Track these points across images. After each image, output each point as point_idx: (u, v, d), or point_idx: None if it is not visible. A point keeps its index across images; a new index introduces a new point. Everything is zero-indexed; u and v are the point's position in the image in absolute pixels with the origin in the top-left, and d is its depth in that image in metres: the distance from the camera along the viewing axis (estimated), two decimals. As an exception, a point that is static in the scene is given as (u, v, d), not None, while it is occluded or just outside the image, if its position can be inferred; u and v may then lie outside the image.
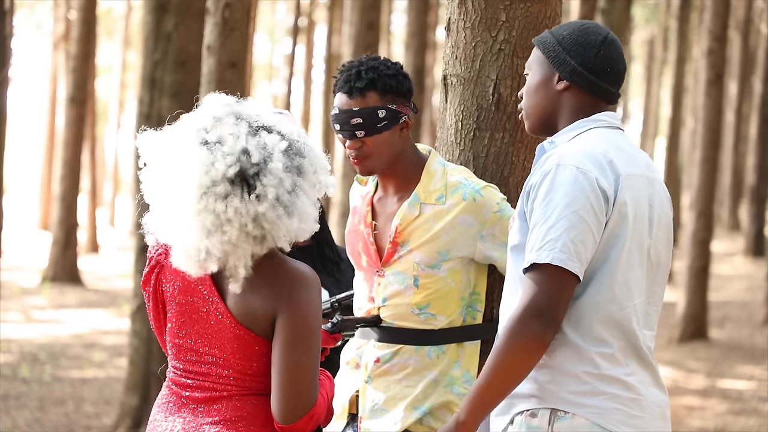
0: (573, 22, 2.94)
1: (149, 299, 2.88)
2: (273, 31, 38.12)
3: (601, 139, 2.82)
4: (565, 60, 2.87)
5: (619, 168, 2.76)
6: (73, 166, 17.39)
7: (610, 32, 2.91)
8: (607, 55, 2.87)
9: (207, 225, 2.68)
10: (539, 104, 2.92)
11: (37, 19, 33.03)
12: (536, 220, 2.71)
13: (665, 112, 33.73)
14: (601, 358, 2.72)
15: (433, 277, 3.38)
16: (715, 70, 13.72)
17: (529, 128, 2.97)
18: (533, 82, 2.93)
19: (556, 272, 2.65)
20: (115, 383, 10.16)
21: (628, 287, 2.76)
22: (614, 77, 2.89)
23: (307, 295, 2.74)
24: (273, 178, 2.69)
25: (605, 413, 2.70)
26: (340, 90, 3.40)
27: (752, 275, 20.27)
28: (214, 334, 2.79)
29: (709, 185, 13.64)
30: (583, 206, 2.68)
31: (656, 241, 2.83)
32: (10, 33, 9.38)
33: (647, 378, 2.78)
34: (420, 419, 3.38)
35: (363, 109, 3.36)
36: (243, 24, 6.48)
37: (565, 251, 2.65)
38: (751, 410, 9.78)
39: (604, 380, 2.72)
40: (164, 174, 2.75)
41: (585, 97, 2.88)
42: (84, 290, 17.15)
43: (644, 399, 2.75)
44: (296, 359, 2.72)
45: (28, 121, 47.52)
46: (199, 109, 2.82)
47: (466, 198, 3.38)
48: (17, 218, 31.85)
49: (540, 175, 2.75)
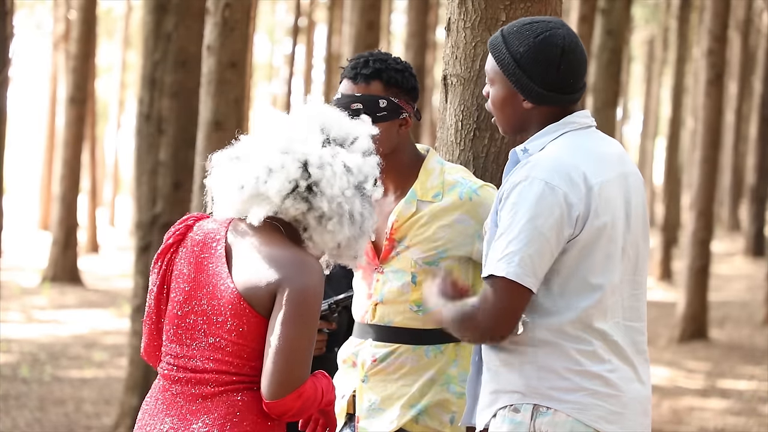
0: (524, 29, 2.88)
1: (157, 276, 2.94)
2: (273, 31, 38.11)
3: (573, 148, 2.84)
4: (527, 85, 2.86)
5: (591, 179, 2.79)
6: (73, 166, 17.39)
7: (565, 36, 2.86)
8: (567, 68, 2.85)
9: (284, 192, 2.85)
10: (509, 118, 2.94)
11: (37, 19, 33.04)
12: (500, 231, 2.78)
13: (665, 112, 33.73)
14: (581, 355, 2.77)
15: (431, 274, 3.38)
16: (715, 70, 13.72)
17: (501, 132, 3.01)
18: (498, 96, 2.92)
19: (512, 286, 2.73)
20: (115, 383, 10.16)
21: (605, 290, 2.80)
22: (578, 81, 2.90)
23: (310, 277, 2.80)
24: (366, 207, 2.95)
25: (586, 409, 2.75)
26: (345, 76, 3.42)
27: (752, 275, 20.26)
28: (215, 310, 2.82)
29: (709, 185, 13.64)
30: (545, 221, 2.73)
31: (634, 235, 2.87)
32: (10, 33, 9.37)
33: (629, 374, 2.82)
34: (415, 418, 3.38)
35: (365, 96, 3.37)
36: (243, 24, 6.47)
37: (521, 266, 2.72)
38: (751, 410, 9.78)
39: (584, 376, 2.76)
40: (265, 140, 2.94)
41: (553, 109, 2.90)
42: (84, 290, 17.16)
43: (625, 395, 2.79)
44: (290, 335, 2.75)
45: (28, 121, 47.52)
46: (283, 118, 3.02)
47: (463, 197, 3.38)
48: (17, 218, 31.84)
49: (510, 185, 2.79)
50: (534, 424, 2.75)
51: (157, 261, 2.96)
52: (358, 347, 3.49)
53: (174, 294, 2.90)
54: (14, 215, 31.20)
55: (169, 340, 2.89)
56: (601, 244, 2.79)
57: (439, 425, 3.39)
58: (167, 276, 2.94)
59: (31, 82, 47.94)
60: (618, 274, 2.83)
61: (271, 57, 39.98)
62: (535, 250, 2.72)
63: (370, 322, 3.46)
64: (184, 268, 2.90)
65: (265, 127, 2.96)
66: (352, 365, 3.50)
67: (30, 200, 37.91)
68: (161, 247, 2.96)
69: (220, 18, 6.42)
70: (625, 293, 2.85)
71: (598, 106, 10.98)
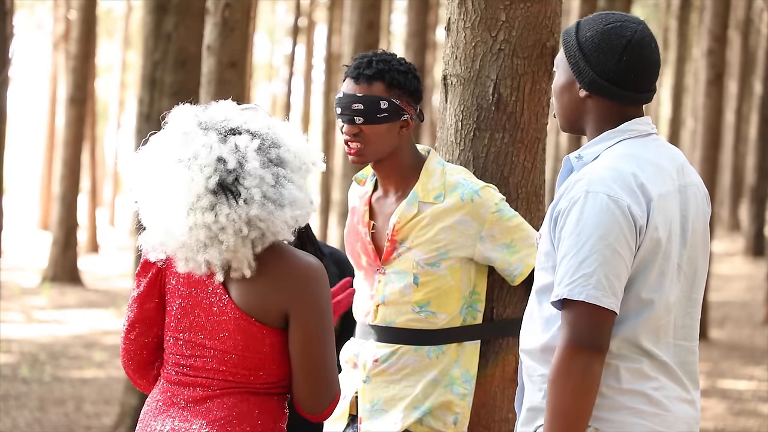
0: (600, 18, 2.78)
1: (144, 286, 2.87)
2: (273, 31, 38.11)
3: (630, 157, 2.71)
4: (584, 69, 2.74)
5: (651, 191, 2.67)
6: (73, 166, 17.38)
7: (637, 30, 2.73)
8: (631, 61, 2.71)
9: (201, 239, 2.72)
10: (564, 107, 2.82)
11: (37, 19, 33.03)
12: (566, 251, 2.62)
13: (665, 112, 33.71)
14: (626, 371, 2.67)
15: (432, 275, 3.38)
16: (715, 70, 13.72)
17: (561, 127, 2.89)
18: (558, 84, 2.82)
19: (593, 309, 2.59)
20: (115, 383, 10.16)
21: (655, 308, 2.68)
22: (642, 81, 2.75)
23: (319, 288, 2.79)
24: (253, 178, 2.72)
25: (626, 427, 2.65)
26: (348, 75, 3.42)
27: (752, 275, 20.26)
28: (217, 326, 2.80)
29: (709, 185, 13.62)
30: (616, 238, 2.60)
31: (691, 249, 2.75)
32: (10, 33, 9.37)
33: (677, 392, 2.71)
34: (420, 419, 3.38)
35: (366, 96, 3.37)
36: (243, 24, 6.47)
37: (599, 288, 2.58)
38: (751, 410, 9.78)
39: (626, 394, 2.66)
40: (150, 195, 2.78)
41: (609, 104, 2.76)
42: (84, 290, 17.15)
43: (670, 414, 2.68)
44: (319, 352, 2.78)
45: (28, 121, 47.52)
46: (167, 126, 2.83)
47: (465, 198, 3.38)
48: (17, 218, 31.85)
49: (568, 202, 2.65)
50: None
51: (141, 275, 2.89)
52: (360, 348, 3.49)
53: (171, 308, 2.86)
54: (14, 215, 31.21)
55: (170, 350, 2.87)
56: (657, 260, 2.66)
57: (443, 426, 3.39)
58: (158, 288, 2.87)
59: (31, 82, 47.95)
60: (675, 292, 2.71)
61: (271, 57, 39.98)
62: (611, 269, 2.59)
63: (372, 323, 3.46)
64: (180, 284, 2.84)
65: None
66: (354, 366, 3.50)
67: (30, 200, 37.93)
68: (141, 262, 2.88)
69: (220, 18, 6.42)
70: (679, 312, 2.74)
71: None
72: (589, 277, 2.58)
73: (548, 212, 2.75)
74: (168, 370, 2.87)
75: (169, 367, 2.87)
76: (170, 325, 2.86)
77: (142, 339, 2.91)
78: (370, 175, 3.58)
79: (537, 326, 2.76)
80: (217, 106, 2.85)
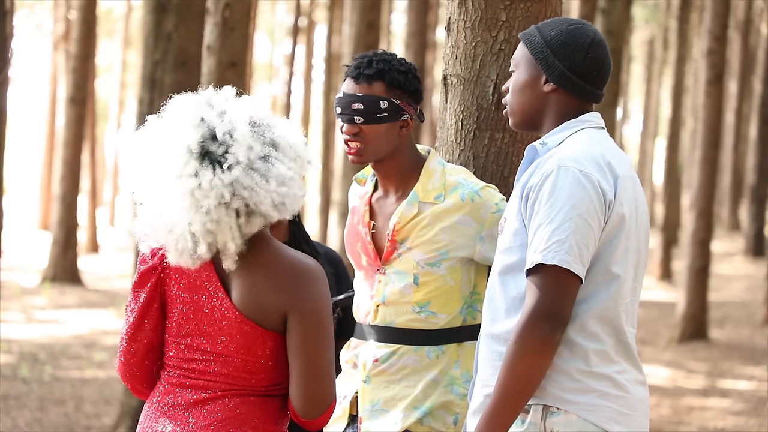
0: (559, 21, 2.94)
1: (144, 299, 2.85)
2: (273, 31, 38.12)
3: (595, 141, 2.86)
4: (553, 63, 2.88)
5: (617, 169, 2.81)
6: (73, 166, 17.38)
7: (597, 32, 2.93)
8: (595, 59, 2.89)
9: (185, 206, 2.70)
10: (525, 103, 2.94)
11: (37, 19, 33.02)
12: (540, 221, 2.73)
13: (665, 112, 33.72)
14: (595, 355, 2.77)
15: (433, 275, 3.38)
16: (715, 70, 13.72)
17: (513, 124, 3.00)
18: (520, 80, 2.94)
19: (562, 274, 2.69)
20: (115, 383, 10.16)
21: (622, 282, 2.80)
22: (601, 79, 2.93)
23: (317, 289, 2.78)
24: (240, 145, 2.71)
25: (596, 410, 2.75)
26: (348, 74, 3.42)
27: (752, 275, 20.26)
28: (218, 331, 2.79)
29: (709, 185, 13.63)
30: (587, 209, 2.72)
31: (638, 239, 2.87)
32: (10, 33, 9.38)
33: (635, 376, 2.83)
34: (420, 419, 3.38)
35: (366, 96, 3.37)
36: (243, 24, 6.48)
37: (570, 253, 2.69)
38: (751, 410, 9.78)
39: (594, 377, 2.76)
40: (143, 176, 2.78)
41: (572, 99, 2.91)
42: (84, 290, 17.15)
43: (631, 397, 2.81)
44: (316, 355, 2.76)
45: (28, 121, 47.52)
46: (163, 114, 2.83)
47: (465, 198, 3.38)
48: (17, 218, 31.85)
49: (540, 177, 2.76)
50: (544, 425, 2.75)
51: (139, 287, 2.86)
52: (360, 348, 3.49)
53: (172, 314, 2.84)
54: (14, 215, 31.21)
55: (172, 353, 2.86)
56: (621, 236, 2.79)
57: (443, 426, 3.39)
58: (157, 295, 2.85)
59: (31, 82, 47.96)
60: (630, 274, 2.83)
61: (271, 57, 39.98)
62: (581, 237, 2.70)
63: (372, 323, 3.46)
64: (181, 289, 2.83)
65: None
66: (354, 366, 3.50)
67: (30, 200, 37.93)
68: (139, 273, 2.86)
69: (220, 18, 6.42)
70: (631, 297, 2.85)
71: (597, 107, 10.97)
72: (562, 243, 2.69)
73: (515, 193, 2.85)
74: (169, 372, 2.87)
75: (171, 369, 2.86)
76: (171, 330, 2.85)
77: (144, 350, 2.89)
78: (371, 175, 3.58)
79: (501, 309, 2.84)
80: (214, 92, 2.85)
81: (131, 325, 2.87)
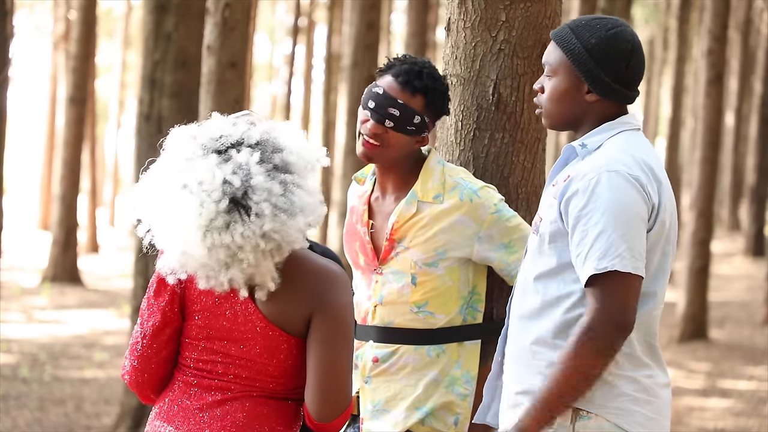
0: (593, 23, 2.86)
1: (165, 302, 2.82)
2: (273, 31, 38.10)
3: (635, 144, 2.82)
4: (598, 76, 2.82)
5: (659, 175, 2.78)
6: (73, 166, 17.38)
7: (633, 34, 2.86)
8: (636, 65, 2.85)
9: (222, 259, 2.69)
10: (566, 111, 2.88)
11: (37, 19, 33.02)
12: (588, 228, 2.69)
13: (665, 112, 33.71)
14: (625, 358, 2.74)
15: (430, 275, 3.38)
16: (715, 70, 13.71)
17: (548, 126, 2.95)
18: (560, 88, 2.87)
19: (625, 278, 2.67)
20: (115, 383, 10.16)
21: (658, 295, 2.80)
22: (638, 82, 2.89)
23: (341, 294, 2.78)
24: (261, 192, 2.68)
25: (626, 415, 2.73)
26: (395, 76, 3.38)
27: (752, 275, 20.26)
28: (240, 334, 2.79)
29: (709, 185, 13.63)
30: (637, 212, 2.70)
31: (672, 247, 2.86)
32: (10, 33, 9.37)
33: (661, 379, 2.81)
34: (422, 420, 3.38)
35: (405, 106, 3.36)
36: (243, 24, 6.48)
37: (627, 257, 2.67)
38: (751, 410, 9.78)
39: (623, 380, 2.74)
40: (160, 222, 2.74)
41: (613, 105, 2.87)
42: (84, 290, 17.15)
43: (659, 401, 2.79)
44: (335, 358, 2.75)
45: (28, 121, 47.51)
46: (167, 150, 2.80)
47: (464, 198, 3.38)
48: (17, 218, 31.84)
49: (586, 182, 2.72)
50: (574, 428, 2.73)
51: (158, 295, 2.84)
52: (360, 348, 3.49)
53: (194, 315, 2.82)
54: (14, 215, 31.20)
55: (190, 354, 2.84)
56: (661, 242, 2.78)
57: (444, 427, 3.39)
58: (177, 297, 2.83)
59: (31, 82, 47.94)
60: (666, 279, 2.82)
61: (271, 57, 39.97)
62: (634, 239, 2.68)
63: (371, 324, 3.46)
64: (202, 294, 2.81)
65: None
66: (354, 366, 3.50)
67: (30, 200, 37.91)
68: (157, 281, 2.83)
69: (220, 18, 6.42)
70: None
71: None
72: (618, 248, 2.66)
73: (551, 193, 2.81)
74: (186, 373, 2.85)
75: (187, 370, 2.85)
76: (191, 332, 2.84)
77: (160, 355, 2.86)
78: (370, 174, 3.57)
79: (541, 313, 2.79)
80: (211, 123, 2.81)
81: (151, 327, 2.84)
